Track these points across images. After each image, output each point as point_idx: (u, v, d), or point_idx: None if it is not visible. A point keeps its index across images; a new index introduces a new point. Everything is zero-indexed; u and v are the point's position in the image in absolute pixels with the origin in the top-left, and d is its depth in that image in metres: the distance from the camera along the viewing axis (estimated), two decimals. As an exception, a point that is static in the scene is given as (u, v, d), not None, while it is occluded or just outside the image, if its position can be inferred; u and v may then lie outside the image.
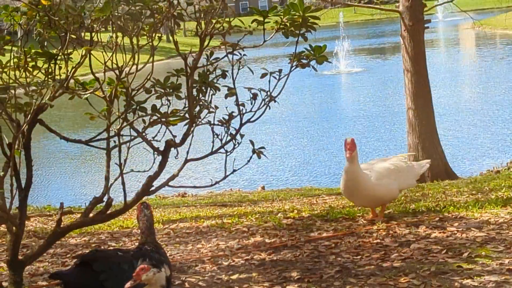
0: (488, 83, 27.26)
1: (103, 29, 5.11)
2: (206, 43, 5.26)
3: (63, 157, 20.18)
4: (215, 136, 5.51)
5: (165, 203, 11.43)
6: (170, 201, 12.21)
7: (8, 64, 5.01)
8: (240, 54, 5.37)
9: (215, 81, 5.41)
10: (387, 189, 6.93)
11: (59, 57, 5.00)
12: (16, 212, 5.04)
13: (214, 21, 5.18)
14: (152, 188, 5.18)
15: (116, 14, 4.80)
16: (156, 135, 5.28)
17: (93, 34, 4.97)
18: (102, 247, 6.68)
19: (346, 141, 6.68)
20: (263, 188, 14.36)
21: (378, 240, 6.16)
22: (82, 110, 5.46)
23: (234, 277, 5.44)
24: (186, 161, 5.33)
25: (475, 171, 14.42)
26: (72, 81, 5.07)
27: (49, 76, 5.00)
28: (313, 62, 5.51)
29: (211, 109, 5.46)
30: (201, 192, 13.69)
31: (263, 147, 5.52)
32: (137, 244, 4.90)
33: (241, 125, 5.48)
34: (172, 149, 5.27)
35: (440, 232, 6.24)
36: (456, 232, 6.21)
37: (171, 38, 5.28)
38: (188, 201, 11.64)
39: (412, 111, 12.64)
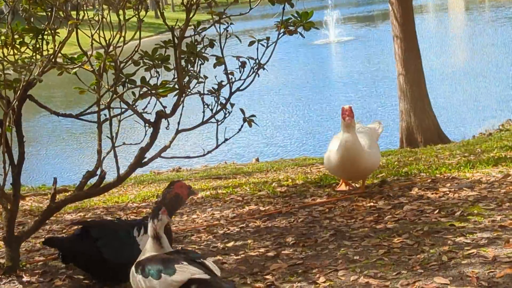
0: (477, 47, 27.22)
1: (90, 6, 5.09)
2: (192, 14, 5.26)
3: (58, 135, 20.14)
4: (206, 106, 5.53)
5: (159, 178, 11.46)
6: (165, 176, 12.23)
7: (-4, 42, 5.01)
8: (227, 23, 5.37)
9: (203, 51, 5.42)
10: (378, 156, 6.74)
11: (46, 33, 4.99)
12: (10, 191, 5.06)
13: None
14: (145, 160, 5.21)
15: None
16: (146, 107, 5.29)
17: (79, 10, 4.95)
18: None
19: (344, 108, 6.34)
20: (257, 160, 14.39)
21: (372, 204, 6.21)
22: (72, 89, 5.45)
23: (230, 244, 5.48)
24: (178, 131, 5.35)
25: (467, 135, 14.47)
26: (60, 57, 5.07)
27: (37, 52, 5.00)
28: (300, 29, 5.51)
29: (200, 79, 5.48)
30: (195, 166, 13.72)
31: (253, 115, 5.54)
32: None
33: (231, 93, 5.51)
34: (163, 120, 5.29)
35: (432, 193, 6.29)
36: (448, 192, 6.26)
37: (159, 13, 5.27)
38: (182, 176, 11.66)
39: (402, 77, 12.66)
